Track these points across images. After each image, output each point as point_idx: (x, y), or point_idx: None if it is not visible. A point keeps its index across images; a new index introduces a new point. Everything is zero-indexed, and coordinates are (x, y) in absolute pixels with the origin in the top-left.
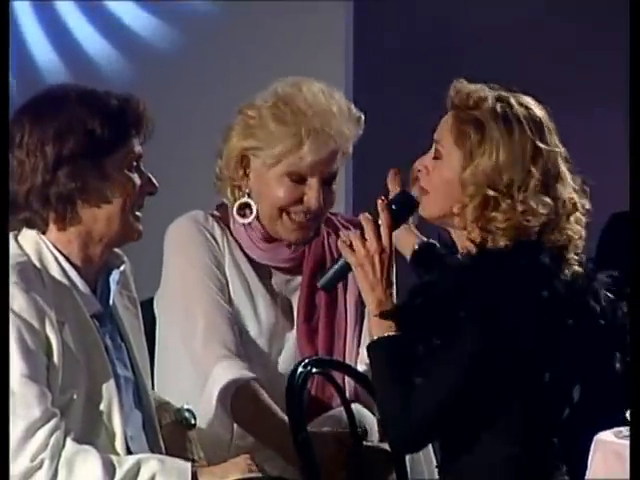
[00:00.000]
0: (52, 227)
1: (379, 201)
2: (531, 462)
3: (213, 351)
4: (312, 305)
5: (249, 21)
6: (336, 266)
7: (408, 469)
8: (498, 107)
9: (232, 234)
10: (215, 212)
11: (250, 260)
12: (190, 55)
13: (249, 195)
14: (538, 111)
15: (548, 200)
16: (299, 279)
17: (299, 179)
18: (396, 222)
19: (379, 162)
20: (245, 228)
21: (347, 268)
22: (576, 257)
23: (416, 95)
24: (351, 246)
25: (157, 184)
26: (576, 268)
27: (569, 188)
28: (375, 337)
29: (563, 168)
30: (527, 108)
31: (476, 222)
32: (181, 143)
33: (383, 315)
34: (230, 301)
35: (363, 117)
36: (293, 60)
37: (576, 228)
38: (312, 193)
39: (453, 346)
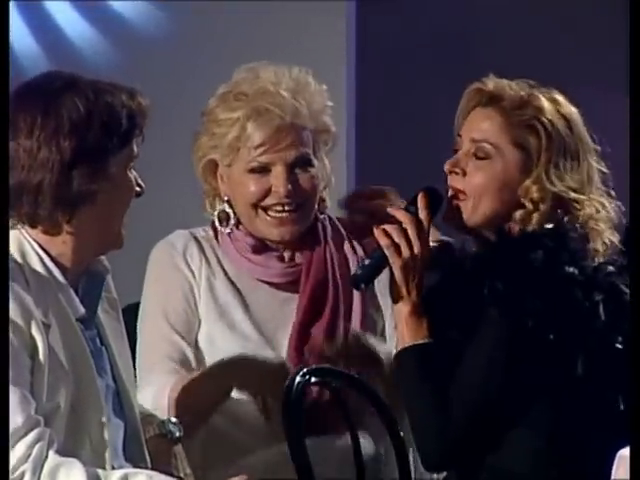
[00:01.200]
0: (47, 226)
1: (420, 196)
2: (557, 459)
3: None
4: (306, 332)
5: (245, 10)
6: (372, 261)
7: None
8: (554, 106)
9: (218, 250)
10: (204, 228)
11: (240, 277)
12: (182, 45)
13: (228, 202)
14: (573, 107)
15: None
16: (294, 298)
17: (262, 170)
18: None
19: (381, 160)
20: (231, 240)
21: (383, 265)
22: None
23: (420, 89)
24: (395, 246)
25: (144, 185)
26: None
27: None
28: (409, 344)
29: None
30: (568, 106)
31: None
32: (171, 140)
33: (420, 320)
34: (199, 327)
35: (325, 88)
36: (292, 56)
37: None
38: (278, 181)
39: (485, 344)
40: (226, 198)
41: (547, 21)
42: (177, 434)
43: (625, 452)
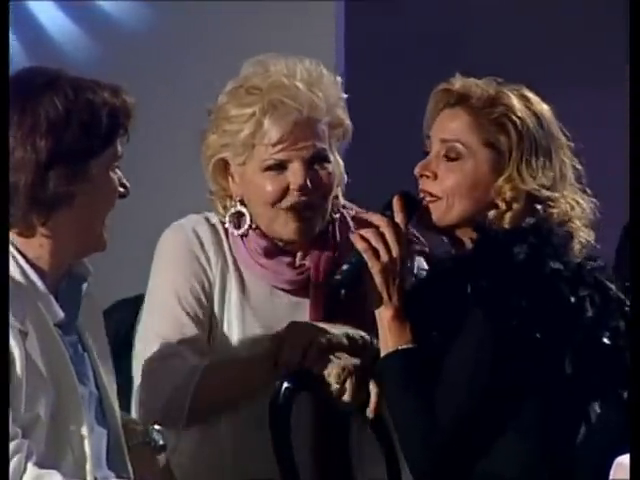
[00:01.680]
0: (22, 228)
1: (396, 200)
2: (547, 460)
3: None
4: None
5: (231, 10)
6: (350, 266)
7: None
8: (523, 103)
9: (232, 246)
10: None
11: (250, 279)
12: (168, 43)
13: (242, 202)
14: (544, 104)
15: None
16: (304, 303)
17: (279, 167)
18: None
19: (369, 160)
20: (243, 242)
21: (362, 269)
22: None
23: (408, 90)
24: (373, 250)
25: (129, 186)
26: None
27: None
28: (393, 349)
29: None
30: (539, 103)
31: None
32: (157, 138)
33: (402, 325)
34: (212, 317)
35: (340, 80)
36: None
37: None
38: (295, 178)
39: (470, 346)
40: (238, 198)
41: (535, 20)
42: (161, 442)
43: (622, 459)
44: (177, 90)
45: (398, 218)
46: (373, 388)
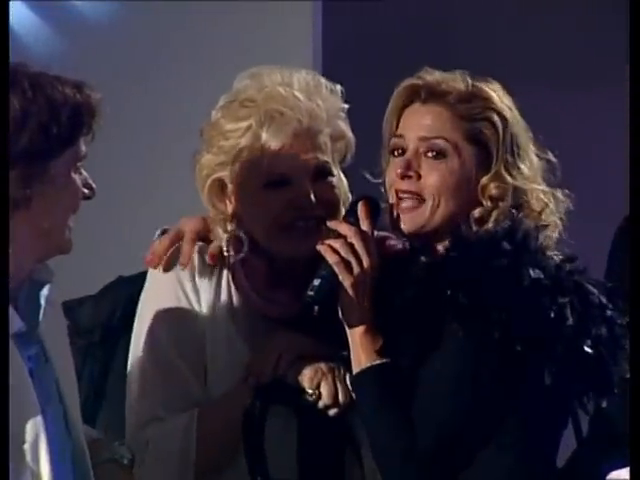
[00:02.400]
0: None
1: (361, 206)
2: (530, 476)
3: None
4: None
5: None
6: (322, 282)
7: None
8: (499, 96)
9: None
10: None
11: (245, 308)
12: (141, 44)
13: (239, 225)
14: (509, 96)
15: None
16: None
17: (280, 183)
18: None
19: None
20: (242, 267)
21: (334, 283)
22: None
23: (387, 89)
24: (344, 262)
25: (94, 186)
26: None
27: None
28: (366, 365)
29: None
30: (506, 94)
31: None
32: (126, 138)
33: (375, 339)
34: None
35: (340, 88)
36: (256, 56)
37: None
38: (299, 192)
39: (449, 360)
40: (236, 221)
41: (534, 20)
42: (128, 458)
43: (614, 475)
44: (150, 90)
45: (365, 225)
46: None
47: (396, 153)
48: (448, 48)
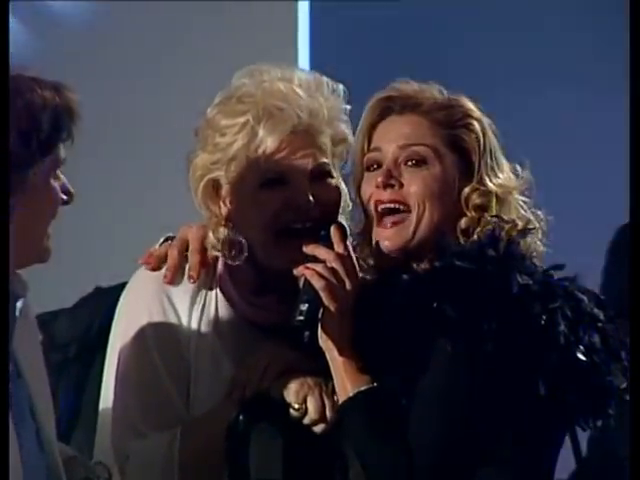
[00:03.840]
0: None
1: (334, 230)
2: None
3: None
4: None
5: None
6: (310, 306)
7: None
8: (474, 104)
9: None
10: None
11: (232, 318)
12: (118, 44)
13: (234, 228)
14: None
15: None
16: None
17: (277, 182)
18: None
19: None
20: (232, 277)
21: (319, 307)
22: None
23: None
24: (330, 287)
25: (73, 191)
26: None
27: None
28: (353, 392)
29: None
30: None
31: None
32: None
33: (358, 364)
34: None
35: (342, 88)
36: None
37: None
38: (297, 193)
39: (440, 379)
40: (231, 225)
41: (534, 20)
42: (105, 477)
43: None
44: (129, 91)
45: (341, 249)
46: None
47: (372, 168)
48: (442, 49)
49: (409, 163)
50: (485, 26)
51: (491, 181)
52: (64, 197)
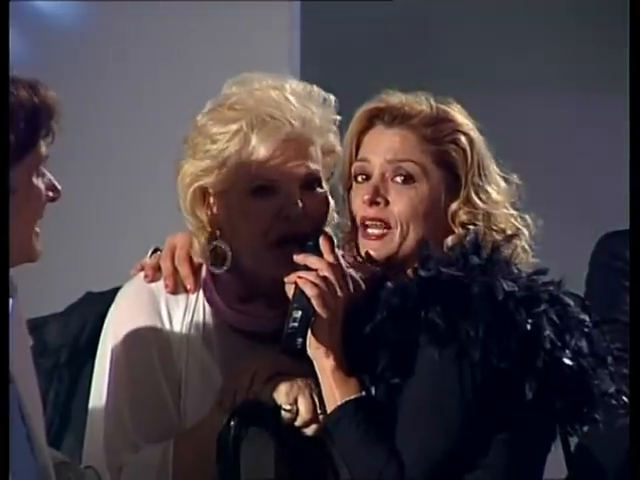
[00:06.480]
0: None
1: (323, 240)
2: None
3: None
4: None
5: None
6: (302, 315)
7: None
8: (463, 117)
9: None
10: None
11: (221, 329)
12: (113, 46)
13: (221, 237)
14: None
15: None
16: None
17: (268, 191)
18: None
19: None
20: (217, 286)
21: (311, 316)
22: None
23: (367, 89)
24: (323, 296)
25: (60, 188)
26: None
27: None
28: (342, 401)
29: None
30: (469, 116)
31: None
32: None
33: (347, 373)
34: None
35: (333, 99)
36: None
37: None
38: (287, 201)
39: (428, 388)
40: (218, 233)
41: (534, 20)
42: None
43: None
44: (118, 93)
45: (331, 258)
46: None
47: (360, 179)
48: (441, 50)
49: (397, 179)
50: (483, 26)
51: (479, 197)
52: (50, 194)
